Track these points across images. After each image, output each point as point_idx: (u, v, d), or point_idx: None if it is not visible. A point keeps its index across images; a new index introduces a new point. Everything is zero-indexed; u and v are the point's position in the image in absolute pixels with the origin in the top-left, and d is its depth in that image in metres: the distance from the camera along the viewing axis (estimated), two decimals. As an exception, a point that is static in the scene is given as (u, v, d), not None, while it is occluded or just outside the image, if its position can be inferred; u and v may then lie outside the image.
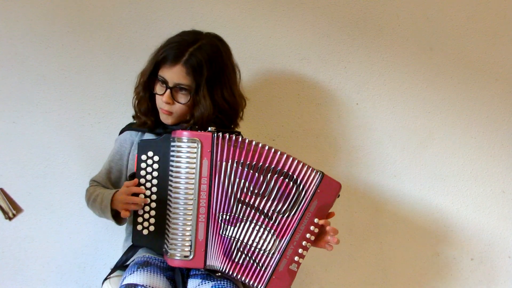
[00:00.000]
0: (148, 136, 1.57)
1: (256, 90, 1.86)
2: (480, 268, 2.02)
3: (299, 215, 1.41)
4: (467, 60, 1.94)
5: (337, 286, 1.98)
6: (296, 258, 1.42)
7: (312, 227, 1.42)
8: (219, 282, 1.42)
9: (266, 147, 1.41)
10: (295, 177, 1.41)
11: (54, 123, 1.78)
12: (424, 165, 1.96)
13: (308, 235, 1.42)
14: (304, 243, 1.42)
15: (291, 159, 1.41)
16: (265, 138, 1.88)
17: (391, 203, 1.96)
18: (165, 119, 1.53)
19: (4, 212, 1.56)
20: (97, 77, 1.78)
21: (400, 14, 1.90)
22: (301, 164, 1.41)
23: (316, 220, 1.41)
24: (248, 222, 1.41)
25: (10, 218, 1.61)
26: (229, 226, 1.41)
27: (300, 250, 1.42)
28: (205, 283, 1.43)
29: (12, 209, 1.61)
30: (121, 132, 1.63)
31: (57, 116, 1.78)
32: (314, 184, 1.41)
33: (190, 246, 1.39)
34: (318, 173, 1.42)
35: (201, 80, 1.45)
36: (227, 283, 1.42)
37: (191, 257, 1.39)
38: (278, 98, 1.88)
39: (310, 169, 1.41)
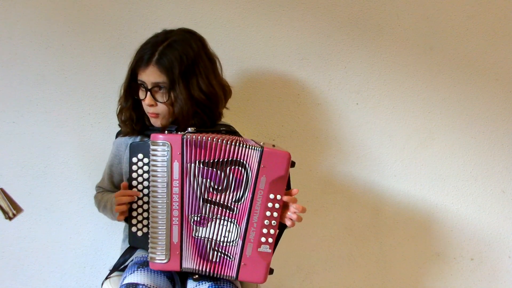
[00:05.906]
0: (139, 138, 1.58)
1: (256, 90, 1.86)
2: (480, 268, 2.02)
3: (250, 196, 1.38)
4: (467, 60, 1.94)
5: (337, 286, 1.98)
6: (263, 239, 1.38)
7: (270, 204, 1.38)
8: (216, 282, 1.42)
9: (223, 141, 1.38)
10: (242, 161, 1.38)
11: (54, 123, 1.78)
12: (424, 165, 1.96)
13: (268, 213, 1.38)
14: (266, 222, 1.38)
15: (238, 145, 1.38)
16: (265, 138, 1.88)
17: (391, 203, 1.96)
18: (155, 122, 1.54)
19: (4, 212, 1.56)
20: (97, 77, 1.78)
21: (400, 14, 1.90)
22: (245, 146, 1.38)
23: (272, 196, 1.38)
24: (217, 220, 1.40)
25: (10, 218, 1.61)
26: (200, 227, 1.40)
27: (264, 230, 1.38)
28: (203, 283, 1.43)
29: (12, 209, 1.61)
30: (117, 135, 1.64)
31: (57, 116, 1.78)
32: (255, 161, 1.38)
33: (165, 249, 1.39)
34: (257, 148, 1.38)
35: (175, 75, 1.45)
36: (225, 284, 1.42)
37: (166, 260, 1.39)
38: (278, 98, 1.88)
39: (251, 147, 1.38)
